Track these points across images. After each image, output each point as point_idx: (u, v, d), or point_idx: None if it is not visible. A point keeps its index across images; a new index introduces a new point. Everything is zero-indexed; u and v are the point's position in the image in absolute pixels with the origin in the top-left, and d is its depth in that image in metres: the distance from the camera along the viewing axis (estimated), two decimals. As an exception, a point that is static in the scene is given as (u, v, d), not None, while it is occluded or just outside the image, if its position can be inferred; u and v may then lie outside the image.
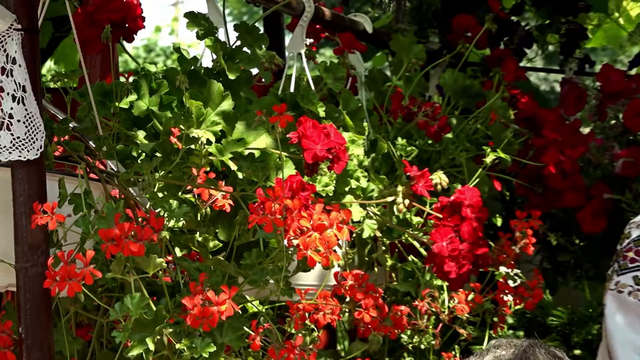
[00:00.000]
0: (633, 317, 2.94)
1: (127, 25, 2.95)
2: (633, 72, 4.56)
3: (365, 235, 2.93)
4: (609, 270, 3.06)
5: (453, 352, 3.11)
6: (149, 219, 2.39)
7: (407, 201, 2.98)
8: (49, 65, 6.11)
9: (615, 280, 2.99)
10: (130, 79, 2.76)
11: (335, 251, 2.47)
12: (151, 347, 2.39)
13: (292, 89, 3.09)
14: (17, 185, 2.43)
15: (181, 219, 2.53)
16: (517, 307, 3.29)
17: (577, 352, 3.81)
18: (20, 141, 2.41)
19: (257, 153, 2.65)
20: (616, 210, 3.75)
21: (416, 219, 3.02)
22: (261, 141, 2.66)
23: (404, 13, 4.84)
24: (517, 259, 3.27)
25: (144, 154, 2.64)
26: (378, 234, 2.98)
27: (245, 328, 2.50)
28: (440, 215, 2.99)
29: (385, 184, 3.00)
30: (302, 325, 2.61)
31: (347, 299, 2.74)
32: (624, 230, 3.07)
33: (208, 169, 2.58)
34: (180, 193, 2.60)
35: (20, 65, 2.41)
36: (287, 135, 2.60)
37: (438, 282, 3.04)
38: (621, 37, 6.78)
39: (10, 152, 2.40)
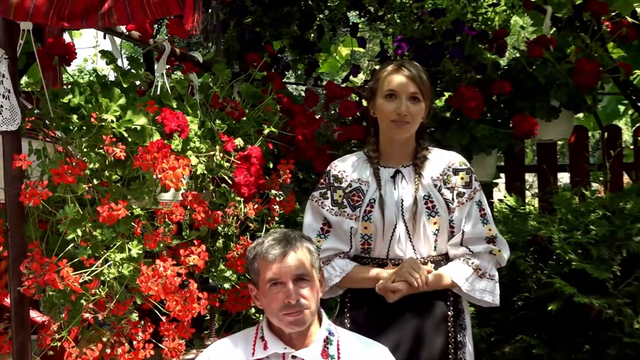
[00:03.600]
0: (315, 214, 3.12)
1: (67, 57, 2.90)
2: (343, 85, 4.67)
3: (198, 172, 2.92)
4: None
5: (246, 236, 3.12)
6: (78, 163, 2.42)
7: (221, 154, 3.00)
8: (24, 79, 5.91)
9: (312, 194, 3.15)
10: (69, 87, 2.74)
11: (182, 181, 2.54)
12: (79, 234, 2.43)
13: (158, 93, 3.10)
14: (5, 145, 2.45)
15: (97, 163, 2.56)
16: (281, 212, 3.35)
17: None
18: (7, 120, 2.41)
19: (139, 127, 2.66)
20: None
21: (226, 164, 3.02)
22: (141, 121, 2.65)
23: (220, 52, 4.87)
24: (281, 185, 3.29)
25: (76, 128, 2.62)
26: (205, 172, 2.98)
27: (132, 223, 2.53)
28: (239, 162, 3.03)
29: (209, 144, 3.00)
30: (163, 222, 2.63)
31: (189, 207, 2.77)
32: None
33: (112, 135, 2.56)
34: (96, 149, 2.59)
35: (7, 78, 2.41)
36: (156, 118, 2.64)
37: (238, 198, 3.06)
38: (337, 66, 6.93)
39: (1, 127, 2.41)
